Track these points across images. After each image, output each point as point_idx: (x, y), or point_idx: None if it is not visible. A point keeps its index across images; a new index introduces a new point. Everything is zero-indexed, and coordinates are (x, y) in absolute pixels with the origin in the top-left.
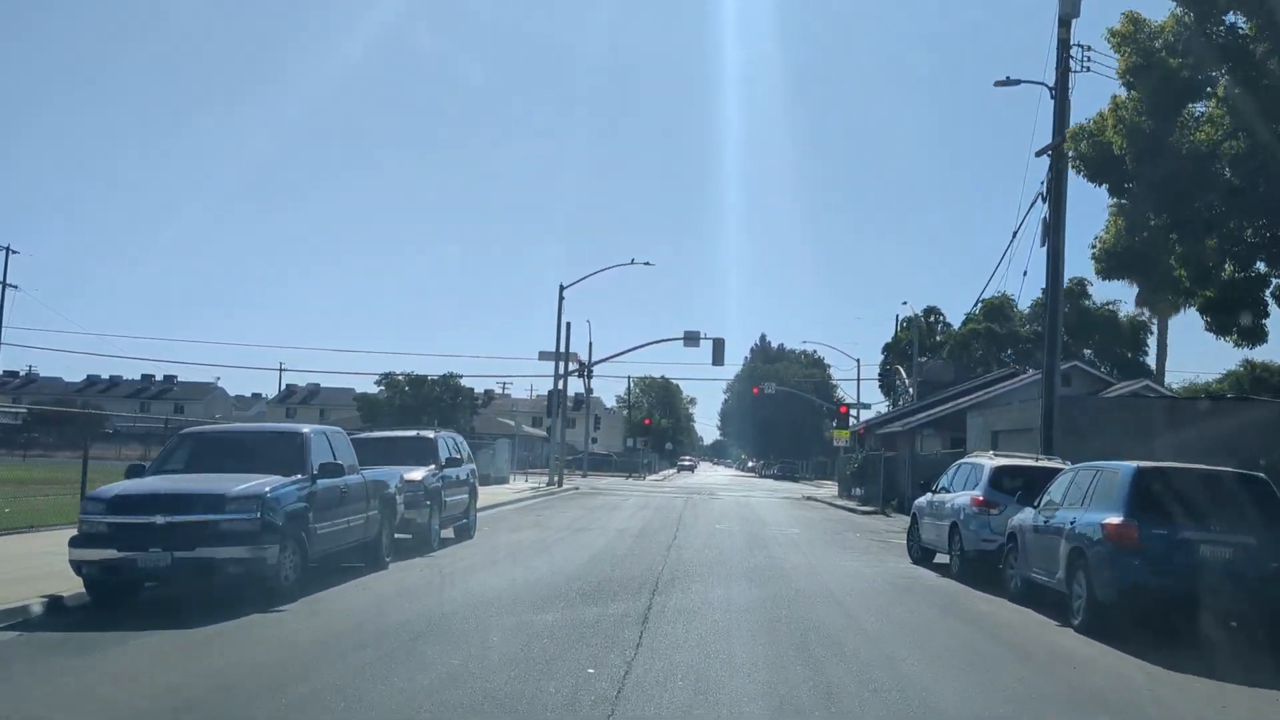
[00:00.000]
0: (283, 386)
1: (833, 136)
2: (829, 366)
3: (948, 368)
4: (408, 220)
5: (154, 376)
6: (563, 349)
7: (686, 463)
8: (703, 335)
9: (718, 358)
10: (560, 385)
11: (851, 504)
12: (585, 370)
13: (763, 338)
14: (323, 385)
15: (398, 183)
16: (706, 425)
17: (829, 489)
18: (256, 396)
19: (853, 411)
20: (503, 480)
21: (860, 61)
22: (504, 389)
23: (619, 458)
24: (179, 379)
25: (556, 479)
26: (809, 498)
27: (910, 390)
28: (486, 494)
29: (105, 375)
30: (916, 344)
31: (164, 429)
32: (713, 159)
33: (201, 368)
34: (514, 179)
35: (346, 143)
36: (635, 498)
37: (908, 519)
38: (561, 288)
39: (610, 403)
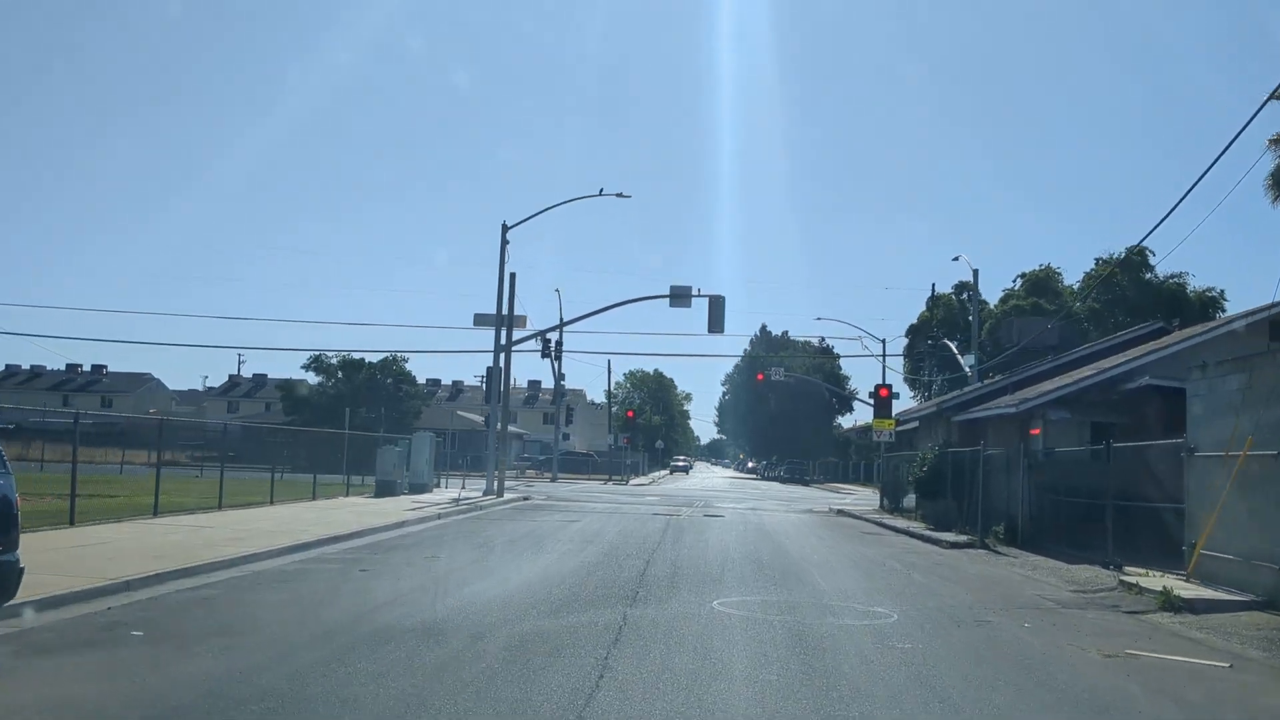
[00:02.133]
0: (228, 377)
1: (832, 132)
2: (838, 356)
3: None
4: (397, 221)
5: (80, 367)
6: (506, 310)
7: (680, 463)
8: (696, 291)
9: (715, 322)
10: (502, 361)
11: (915, 525)
12: (551, 347)
13: (763, 328)
14: (270, 376)
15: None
16: (704, 423)
17: (854, 496)
18: (210, 390)
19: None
20: (422, 487)
21: (858, 57)
22: (482, 381)
23: (601, 458)
24: (109, 369)
25: (495, 486)
26: (839, 511)
27: (969, 369)
28: (359, 513)
29: (27, 365)
30: (977, 306)
31: (72, 425)
32: (707, 158)
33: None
34: (511, 179)
35: (338, 151)
36: (592, 518)
37: (1050, 561)
38: (505, 228)
39: (598, 398)
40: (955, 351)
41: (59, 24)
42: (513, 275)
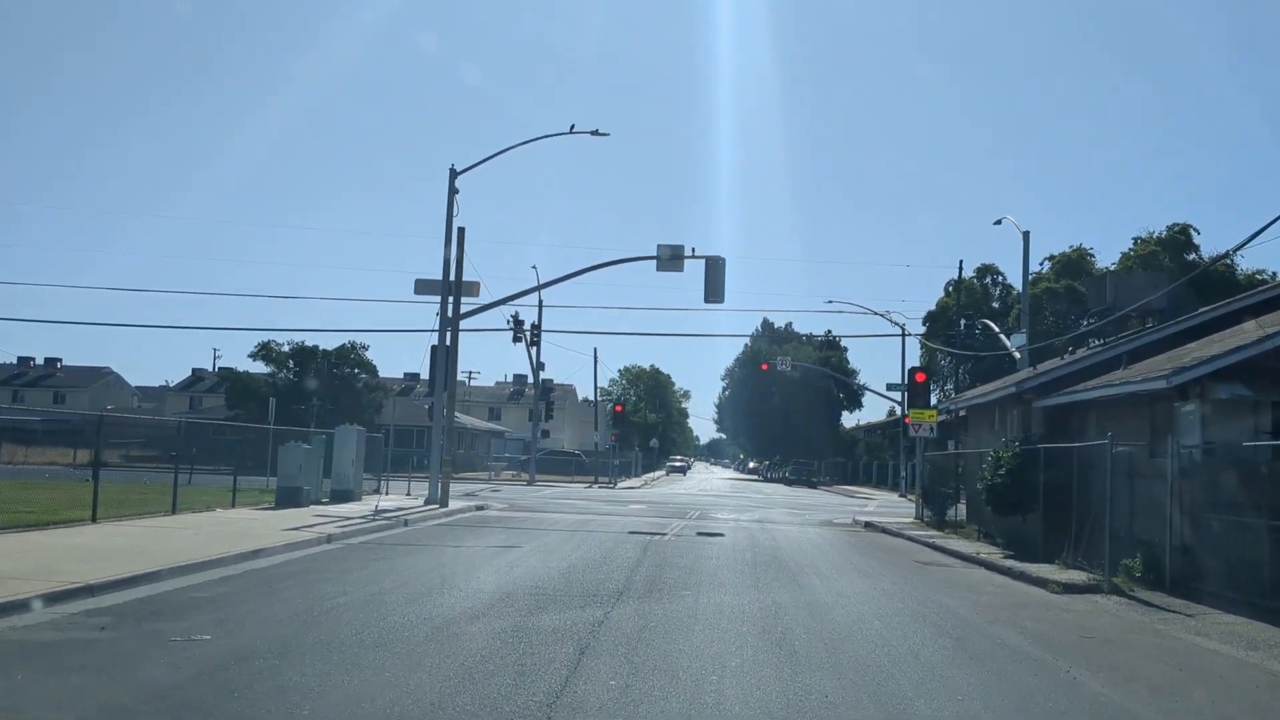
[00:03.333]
0: (191, 371)
1: (830, 126)
2: (845, 349)
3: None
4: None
5: (33, 360)
6: (454, 274)
7: (677, 463)
8: (691, 252)
9: (713, 289)
10: (447, 338)
11: (986, 550)
12: (526, 331)
13: (765, 322)
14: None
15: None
16: (703, 421)
17: (874, 502)
18: (171, 385)
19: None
20: (346, 495)
21: (863, 47)
22: (470, 378)
23: (590, 458)
24: (63, 363)
25: (439, 492)
26: (867, 524)
27: (1016, 351)
28: (210, 534)
29: None
30: (1027, 274)
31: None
32: (709, 153)
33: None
34: (509, 179)
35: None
36: (545, 540)
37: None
38: (453, 173)
39: (591, 395)
40: (999, 331)
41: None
42: (461, 230)
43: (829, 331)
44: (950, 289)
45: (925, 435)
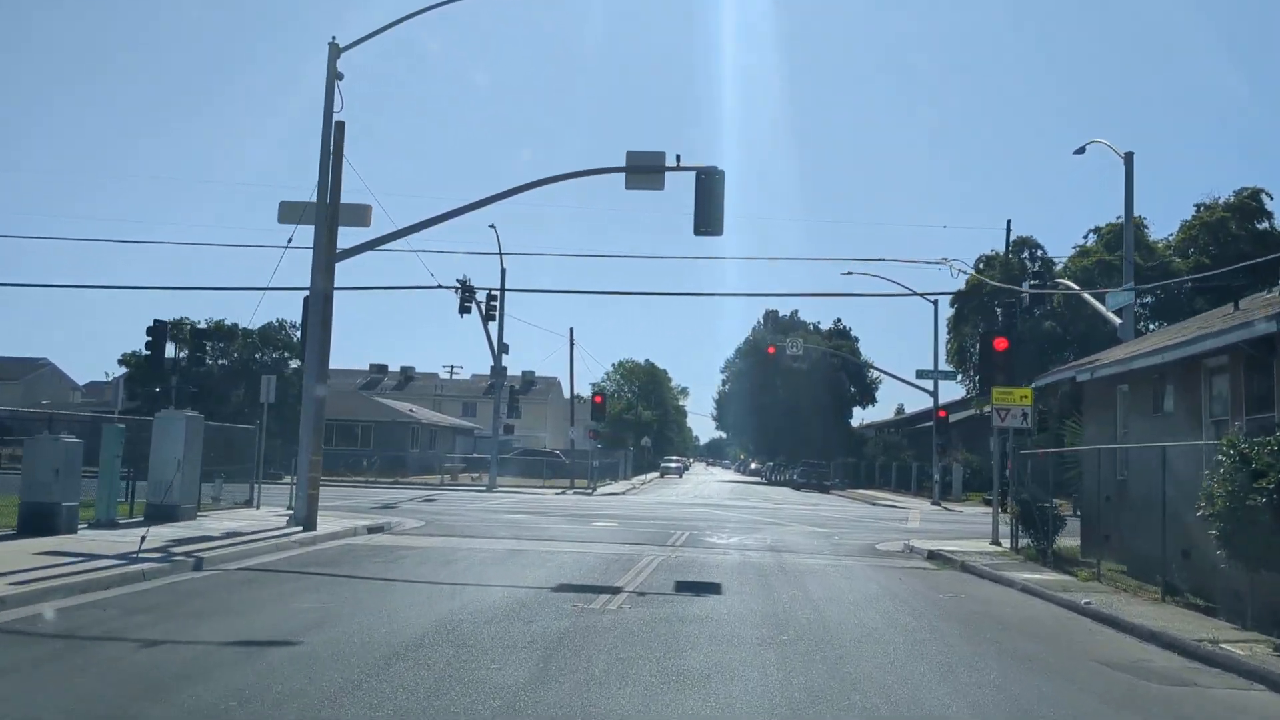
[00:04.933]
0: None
1: (831, 122)
2: (856, 340)
3: None
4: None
5: None
6: (329, 194)
7: (673, 464)
8: (675, 162)
9: (706, 215)
10: (320, 285)
11: (1239, 641)
12: (481, 305)
13: (767, 313)
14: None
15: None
16: (702, 419)
17: (911, 511)
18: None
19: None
20: (170, 512)
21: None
22: (453, 373)
23: (571, 458)
24: None
25: (304, 509)
26: (934, 555)
27: (1116, 318)
28: None
29: None
30: (1130, 209)
31: None
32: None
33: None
34: (508, 178)
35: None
36: (397, 599)
37: None
38: (334, 49)
39: (583, 390)
40: (1091, 299)
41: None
42: (339, 126)
43: (839, 320)
44: (981, 265)
45: (1015, 425)
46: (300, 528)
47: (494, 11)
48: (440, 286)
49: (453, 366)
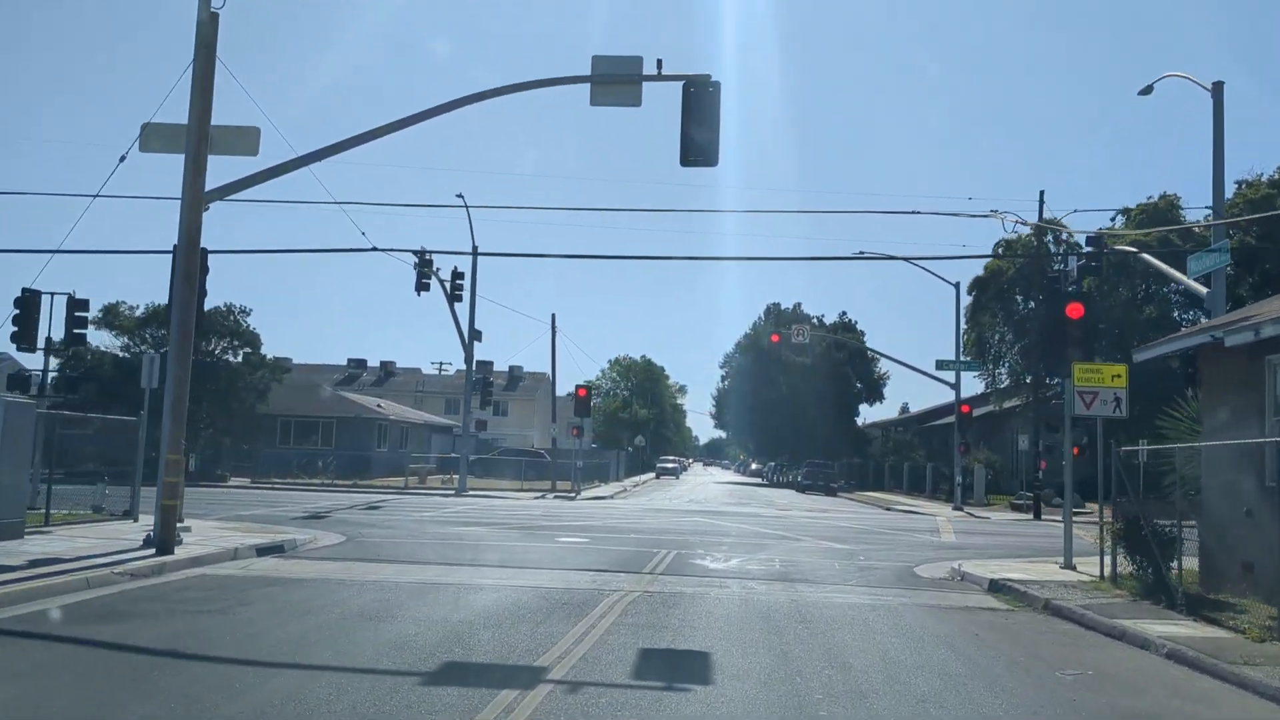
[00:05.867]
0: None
1: (831, 121)
2: (863, 334)
3: None
4: None
5: None
6: (198, 112)
7: (669, 465)
8: (656, 70)
9: (696, 142)
10: (188, 226)
11: None
12: (445, 281)
13: (769, 307)
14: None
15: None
16: (700, 417)
17: (940, 518)
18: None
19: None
20: None
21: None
22: (441, 369)
23: (564, 458)
24: None
25: (158, 527)
26: (999, 586)
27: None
28: None
29: None
30: (1220, 131)
31: None
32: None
33: None
34: (509, 177)
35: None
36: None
37: None
38: None
39: (569, 387)
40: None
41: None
42: (214, 15)
43: (844, 314)
44: (1000, 249)
45: (1105, 413)
46: (153, 550)
47: (495, 10)
48: (377, 249)
49: (441, 363)
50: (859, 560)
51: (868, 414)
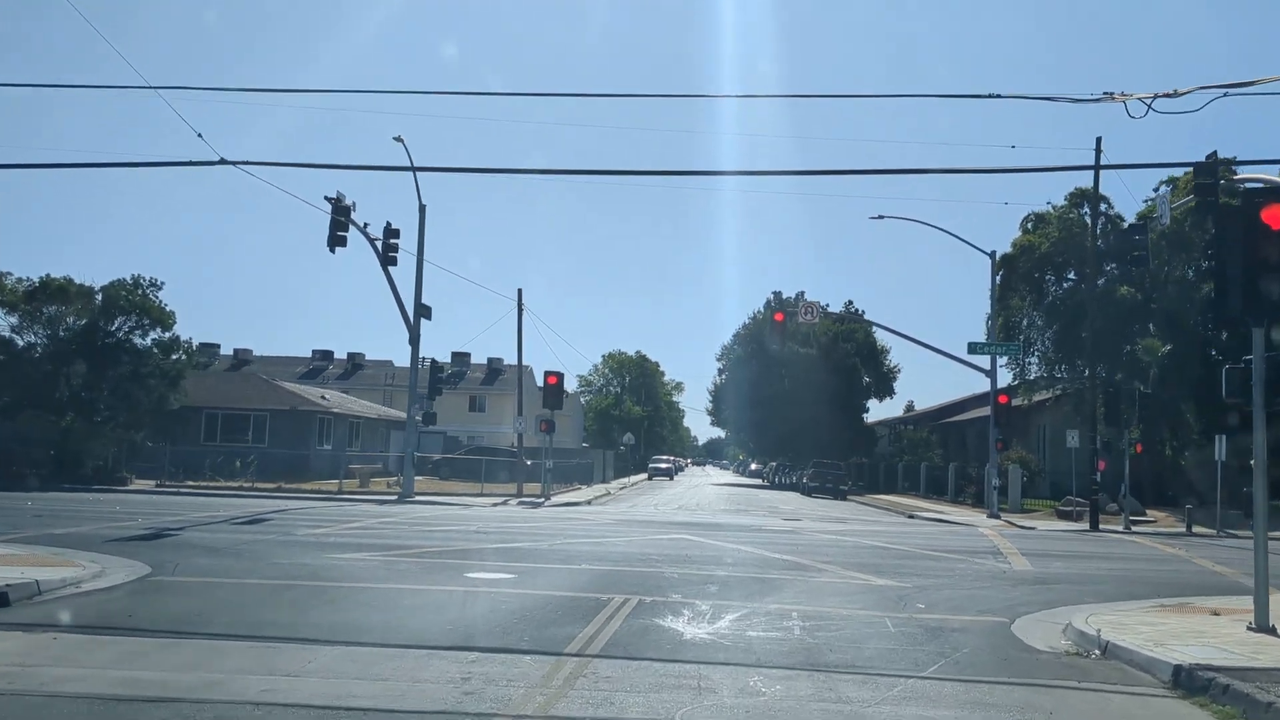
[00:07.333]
0: None
1: (830, 120)
2: (871, 324)
3: None
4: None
5: None
6: None
7: (663, 465)
8: None
9: None
10: None
11: None
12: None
13: (768, 301)
14: None
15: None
16: (701, 419)
17: (982, 530)
18: None
19: None
20: None
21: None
22: (421, 364)
23: (537, 457)
24: None
25: None
26: (1181, 675)
27: None
28: None
29: None
30: None
31: None
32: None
33: None
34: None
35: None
36: None
37: None
38: None
39: (571, 383)
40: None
41: None
42: None
43: (849, 303)
44: (1029, 225)
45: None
46: None
47: (495, 12)
48: (226, 162)
49: (425, 358)
50: (918, 610)
51: (875, 411)
